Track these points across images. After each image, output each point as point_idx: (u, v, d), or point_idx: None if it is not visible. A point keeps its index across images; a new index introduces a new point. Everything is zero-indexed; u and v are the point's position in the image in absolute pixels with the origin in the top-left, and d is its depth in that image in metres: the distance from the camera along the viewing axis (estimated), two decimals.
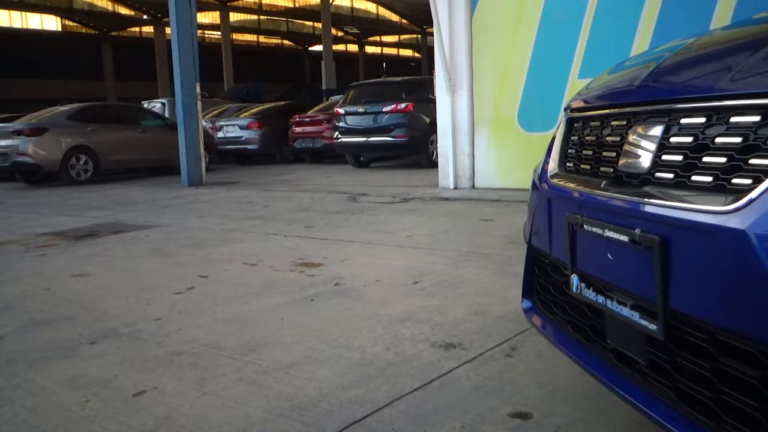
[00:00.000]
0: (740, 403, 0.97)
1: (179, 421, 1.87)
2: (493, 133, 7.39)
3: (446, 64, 7.38)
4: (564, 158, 1.54)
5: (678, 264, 1.02)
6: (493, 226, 5.01)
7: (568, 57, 6.69)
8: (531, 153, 6.91)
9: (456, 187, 7.61)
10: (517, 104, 7.15)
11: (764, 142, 0.94)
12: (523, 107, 7.10)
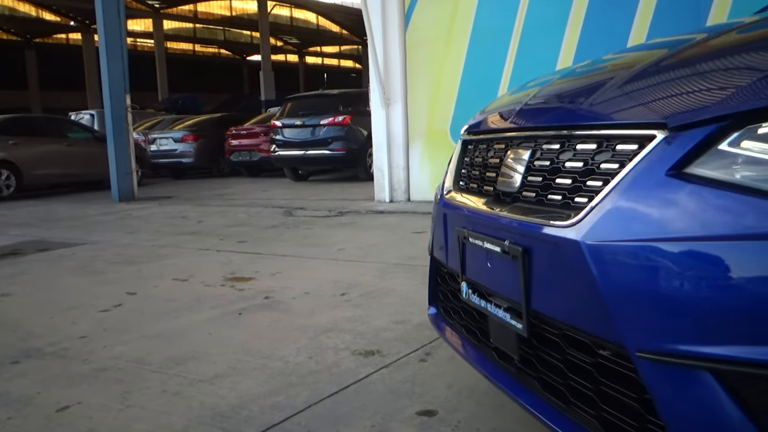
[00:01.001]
0: (582, 387, 1.17)
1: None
2: (427, 146, 7.65)
3: (381, 79, 7.61)
4: (458, 177, 1.75)
5: (536, 271, 1.22)
6: (423, 238, 5.22)
7: (497, 72, 7.02)
8: None
9: (392, 200, 7.82)
10: (449, 118, 7.43)
11: (598, 167, 1.15)
12: (456, 121, 7.38)
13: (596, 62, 1.70)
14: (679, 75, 1.20)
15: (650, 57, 1.37)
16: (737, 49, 1.24)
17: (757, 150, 0.93)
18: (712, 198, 0.94)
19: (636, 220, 1.02)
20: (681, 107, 1.06)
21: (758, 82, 0.98)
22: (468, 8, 7.14)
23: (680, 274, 0.94)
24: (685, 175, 0.98)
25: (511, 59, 6.94)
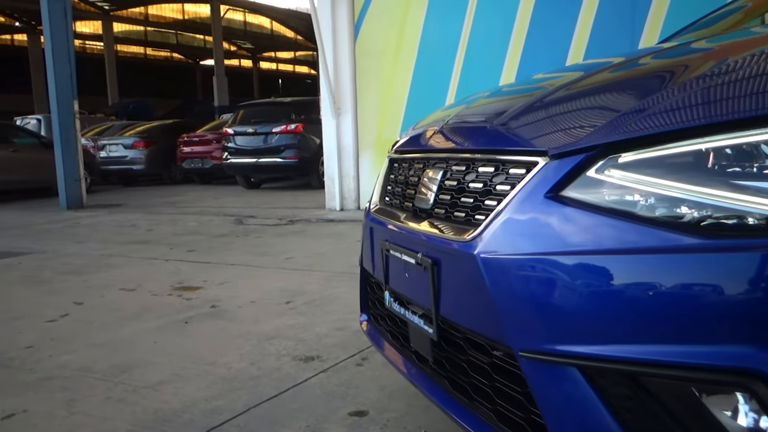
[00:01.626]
0: (481, 384, 1.33)
1: None
2: (376, 156, 7.80)
3: (331, 89, 7.75)
4: (384, 193, 1.90)
5: (443, 281, 1.37)
6: None
7: (444, 84, 7.23)
8: None
9: (342, 209, 7.95)
10: (398, 128, 7.61)
11: (494, 188, 1.31)
12: (405, 130, 7.55)
13: (511, 86, 1.88)
14: (562, 108, 1.37)
15: (547, 88, 1.55)
16: (610, 85, 1.42)
17: (617, 177, 1.10)
18: (580, 218, 1.11)
19: (520, 236, 1.18)
20: (559, 137, 1.23)
21: (619, 118, 1.15)
22: (416, 20, 7.34)
23: (553, 284, 1.10)
24: (560, 197, 1.14)
25: (458, 70, 7.17)
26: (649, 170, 1.07)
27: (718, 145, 1.03)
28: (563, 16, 6.53)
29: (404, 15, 7.41)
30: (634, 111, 1.16)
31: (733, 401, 0.99)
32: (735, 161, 1.02)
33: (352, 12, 7.69)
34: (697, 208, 1.02)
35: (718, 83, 1.14)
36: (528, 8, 6.70)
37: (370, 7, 7.60)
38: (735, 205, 0.99)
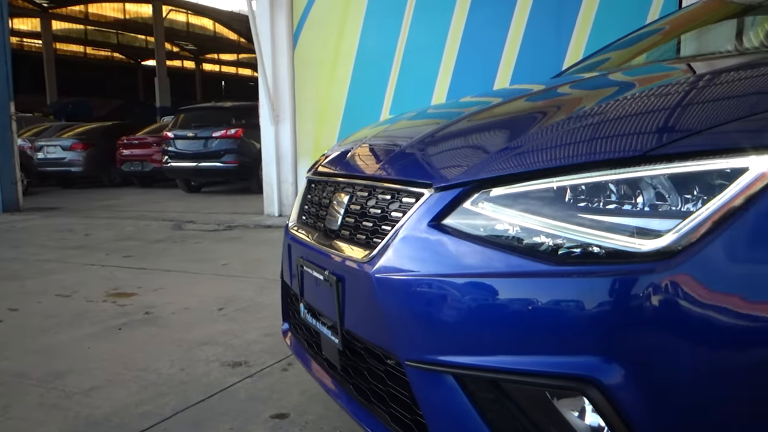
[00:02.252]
0: (378, 389, 1.47)
1: None
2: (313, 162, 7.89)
3: (270, 96, 7.80)
4: (301, 212, 2.02)
5: (347, 297, 1.51)
6: None
7: (380, 94, 7.39)
8: None
9: (281, 215, 8.01)
10: (335, 136, 7.72)
11: (390, 214, 1.45)
12: (342, 138, 7.68)
13: (431, 110, 2.05)
14: (450, 142, 1.53)
15: (443, 121, 1.71)
16: (492, 123, 1.58)
17: (489, 209, 1.25)
18: (457, 245, 1.25)
19: (407, 259, 1.32)
20: (442, 171, 1.38)
21: (491, 156, 1.31)
22: (353, 31, 7.48)
23: (432, 302, 1.25)
24: (441, 225, 1.29)
25: (394, 80, 7.34)
26: (515, 204, 1.23)
27: (571, 184, 1.19)
28: (494, 31, 6.78)
29: (341, 26, 7.54)
30: (504, 150, 1.32)
31: (580, 403, 1.16)
32: (585, 198, 1.18)
33: (291, 21, 7.77)
34: (553, 239, 1.18)
35: (574, 128, 1.31)
36: (460, 23, 6.92)
37: (308, 17, 7.69)
38: (583, 237, 1.15)
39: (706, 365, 1.05)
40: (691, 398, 1.06)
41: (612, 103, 1.42)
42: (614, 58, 2.80)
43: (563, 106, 1.55)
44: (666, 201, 1.11)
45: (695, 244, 1.05)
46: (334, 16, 7.56)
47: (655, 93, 1.44)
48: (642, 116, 1.30)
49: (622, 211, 1.14)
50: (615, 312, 1.07)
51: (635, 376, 1.07)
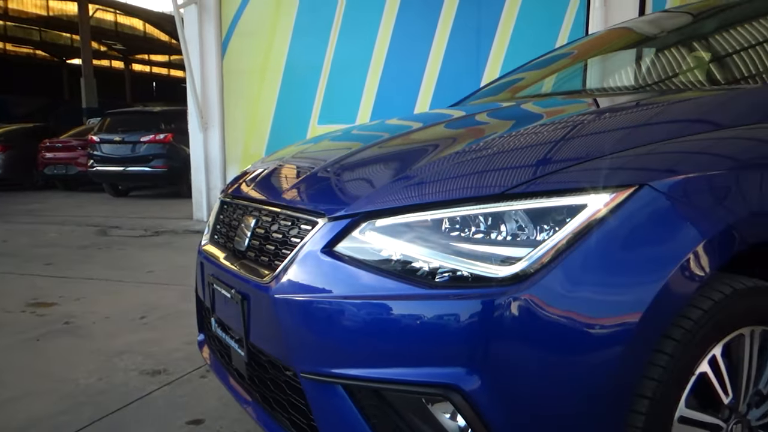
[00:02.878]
0: (280, 397, 1.59)
1: None
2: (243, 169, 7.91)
3: (198, 104, 7.78)
4: (213, 232, 2.12)
5: (252, 314, 1.62)
6: None
7: (309, 103, 7.49)
8: None
9: None
10: (265, 144, 7.78)
11: (290, 239, 1.58)
12: (271, 146, 7.75)
13: (340, 136, 2.20)
14: (347, 174, 1.67)
15: (358, 145, 1.86)
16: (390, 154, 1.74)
17: (375, 238, 1.40)
18: (346, 270, 1.39)
19: (302, 282, 1.45)
20: (335, 202, 1.51)
21: (380, 189, 1.46)
22: (282, 43, 7.55)
23: (323, 321, 1.38)
24: (332, 252, 1.43)
25: (322, 92, 7.45)
26: (397, 234, 1.38)
27: (444, 217, 1.35)
28: (418, 46, 6.99)
29: (270, 37, 7.59)
30: (391, 183, 1.47)
31: (450, 407, 1.32)
32: (456, 229, 1.34)
33: (220, 30, 7.77)
34: (428, 265, 1.33)
35: (453, 164, 1.48)
36: (385, 40, 7.10)
37: (237, 27, 7.71)
38: (453, 264, 1.31)
39: (549, 370, 1.22)
40: (537, 399, 1.24)
41: (485, 143, 1.59)
42: (526, 78, 3.02)
43: (451, 141, 1.72)
44: (520, 232, 1.29)
45: (541, 270, 1.22)
46: (262, 27, 7.61)
47: (525, 133, 1.62)
48: (508, 155, 1.48)
49: (485, 241, 1.30)
50: (474, 329, 1.23)
51: (490, 383, 1.23)
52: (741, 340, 1.41)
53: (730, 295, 1.34)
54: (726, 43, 2.36)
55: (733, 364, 1.42)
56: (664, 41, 2.72)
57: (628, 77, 2.74)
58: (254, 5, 7.62)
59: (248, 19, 7.66)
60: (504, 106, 2.29)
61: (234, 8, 7.69)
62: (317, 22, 7.37)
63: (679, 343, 1.28)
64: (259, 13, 7.62)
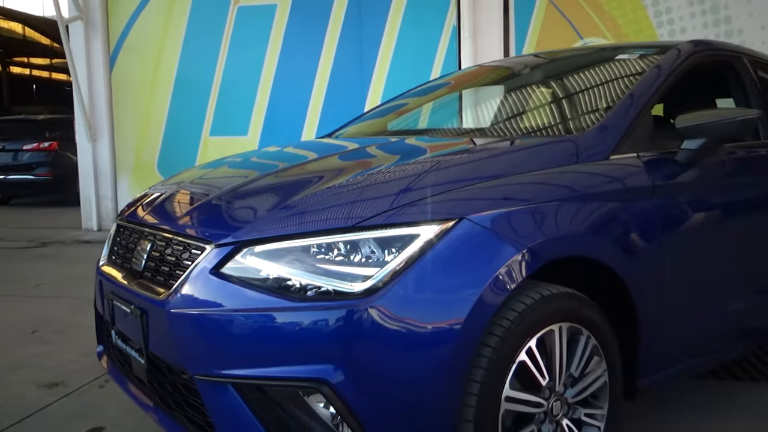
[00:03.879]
0: (179, 398, 1.78)
1: None
2: (135, 179, 7.81)
3: (86, 115, 7.60)
4: (111, 253, 2.26)
5: (150, 325, 1.79)
6: None
7: (201, 115, 7.53)
8: None
9: (100, 229, 7.82)
10: (157, 153, 7.72)
11: (182, 262, 1.76)
12: (162, 156, 7.70)
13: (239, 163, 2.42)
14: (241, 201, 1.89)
15: (249, 175, 2.09)
16: (276, 184, 1.98)
17: (254, 261, 1.62)
18: (231, 288, 1.60)
19: (194, 297, 1.65)
20: (223, 229, 1.73)
21: (260, 219, 1.69)
22: (172, 57, 7.55)
23: (213, 330, 1.59)
24: (219, 273, 1.63)
25: (213, 104, 7.51)
26: (273, 257, 1.61)
27: (310, 244, 1.60)
28: (306, 64, 7.22)
29: (160, 51, 7.56)
30: (269, 213, 1.71)
31: (321, 397, 1.56)
32: (320, 253, 1.59)
33: (108, 44, 7.64)
34: (299, 282, 1.57)
35: (320, 198, 1.73)
36: (275, 55, 7.28)
37: (126, 42, 7.62)
38: (319, 281, 1.56)
39: (397, 364, 1.51)
40: (389, 387, 1.52)
41: (349, 181, 1.84)
42: (402, 107, 3.35)
43: (326, 176, 1.98)
44: (371, 255, 1.56)
45: (386, 286, 1.51)
46: (152, 42, 7.57)
47: (383, 172, 1.91)
48: (365, 192, 1.75)
49: (343, 263, 1.57)
50: (337, 333, 1.50)
51: (353, 376, 1.50)
52: (551, 334, 1.76)
53: (539, 300, 1.68)
54: (555, 94, 2.80)
55: (547, 353, 1.76)
56: (511, 85, 3.15)
57: (480, 116, 3.14)
58: (143, 21, 7.57)
59: (137, 35, 7.59)
60: (373, 145, 2.56)
61: (122, 24, 7.60)
62: (207, 37, 7.43)
63: (499, 338, 1.60)
64: (148, 29, 7.57)
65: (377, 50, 7.04)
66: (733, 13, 6.20)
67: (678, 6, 6.34)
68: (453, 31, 6.85)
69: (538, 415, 1.75)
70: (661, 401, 2.63)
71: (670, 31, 6.35)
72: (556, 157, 1.97)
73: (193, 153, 7.56)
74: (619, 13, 6.50)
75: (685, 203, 2.15)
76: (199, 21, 7.43)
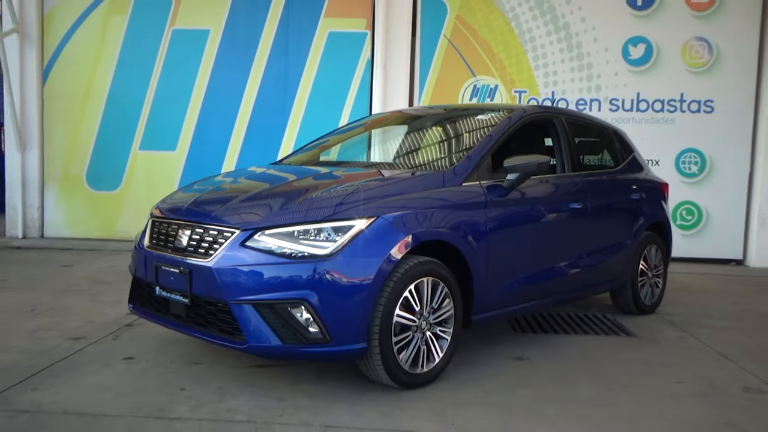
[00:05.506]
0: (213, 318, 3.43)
1: None
2: (62, 189, 9.10)
3: (17, 124, 8.83)
4: (152, 238, 3.86)
5: (194, 278, 3.42)
6: (74, 270, 6.92)
7: (131, 130, 8.95)
8: (97, 208, 8.99)
9: (25, 237, 9.02)
10: (85, 166, 9.04)
11: (217, 241, 3.41)
12: (92, 169, 9.04)
13: (245, 177, 4.10)
14: (251, 203, 3.57)
15: (253, 188, 3.79)
16: (273, 194, 3.68)
17: (265, 239, 3.31)
18: (252, 254, 3.29)
19: (228, 260, 3.31)
20: (245, 221, 3.40)
21: (269, 214, 3.39)
22: (105, 73, 8.94)
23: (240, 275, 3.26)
24: (244, 246, 3.31)
25: (144, 120, 8.95)
26: (276, 236, 3.31)
27: (297, 230, 3.32)
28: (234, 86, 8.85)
29: (94, 67, 8.94)
30: (274, 211, 3.42)
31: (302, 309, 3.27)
32: (304, 234, 3.31)
33: (42, 58, 8.93)
34: (290, 249, 3.28)
35: (301, 201, 3.46)
36: (205, 77, 8.85)
37: (60, 56, 8.94)
38: (303, 249, 3.27)
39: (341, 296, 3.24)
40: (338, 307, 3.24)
41: (324, 190, 3.58)
42: (330, 142, 5.10)
43: (302, 189, 3.71)
44: (330, 236, 3.30)
45: (337, 253, 3.25)
46: (86, 58, 8.93)
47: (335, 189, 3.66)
48: (326, 200, 3.49)
49: (316, 239, 3.30)
50: (311, 273, 3.21)
51: (319, 298, 3.21)
52: (422, 283, 3.54)
53: (416, 263, 3.47)
54: (442, 136, 4.67)
55: (419, 294, 3.54)
56: (412, 127, 5.01)
57: (387, 151, 4.98)
58: (78, 37, 8.93)
59: (72, 50, 8.93)
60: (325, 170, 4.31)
61: (57, 39, 8.92)
62: (141, 56, 8.90)
63: (394, 283, 3.37)
64: (83, 45, 8.94)
65: (300, 76, 8.78)
66: (594, 60, 8.45)
67: (552, 52, 8.51)
68: (367, 62, 8.70)
69: (413, 327, 3.53)
70: (484, 326, 4.52)
71: (545, 73, 8.50)
72: (431, 184, 3.79)
73: (122, 166, 8.99)
74: (505, 56, 8.59)
75: (505, 212, 4.03)
76: (134, 40, 8.89)
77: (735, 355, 4.44)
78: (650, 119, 8.52)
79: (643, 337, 4.87)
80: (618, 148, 5.56)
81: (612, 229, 5.12)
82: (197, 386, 3.56)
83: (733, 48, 8.39)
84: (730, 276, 7.90)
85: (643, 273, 5.46)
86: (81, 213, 9.11)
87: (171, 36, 8.87)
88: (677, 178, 8.50)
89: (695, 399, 3.62)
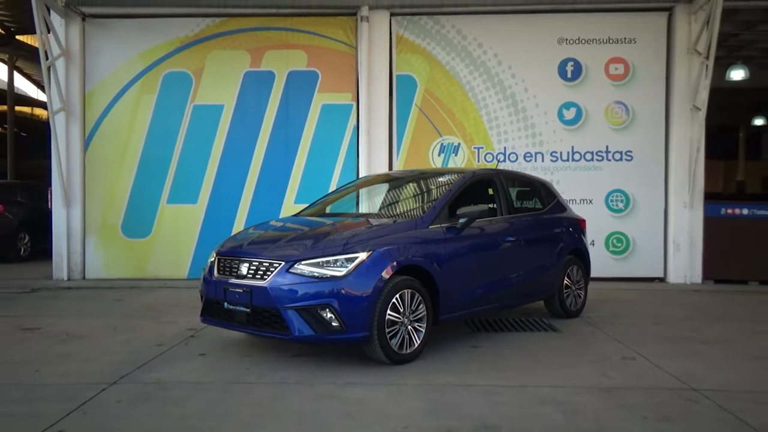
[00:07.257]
0: (266, 320, 5.16)
1: None
2: (101, 238, 10.75)
3: (63, 185, 10.51)
4: (219, 269, 5.57)
5: (254, 295, 5.14)
6: (127, 303, 8.57)
7: (160, 187, 10.66)
8: (131, 253, 10.69)
9: (69, 279, 10.62)
10: (121, 217, 10.72)
11: (269, 269, 5.16)
12: (126, 220, 10.72)
13: (276, 227, 5.87)
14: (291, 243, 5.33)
15: (289, 234, 5.55)
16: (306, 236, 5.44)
17: (301, 267, 5.07)
18: (293, 277, 5.04)
19: (277, 281, 5.05)
20: (287, 255, 5.15)
21: (302, 252, 5.15)
22: (138, 140, 10.68)
23: (287, 290, 5.00)
24: (288, 272, 5.05)
25: (171, 178, 10.67)
26: (308, 265, 5.07)
27: (319, 261, 5.09)
28: (245, 149, 10.63)
29: (128, 137, 10.69)
30: (307, 248, 5.19)
31: (327, 311, 5.01)
32: (324, 264, 5.07)
33: (83, 130, 10.67)
34: (318, 272, 5.04)
35: (320, 241, 5.23)
36: (221, 141, 10.63)
37: (100, 128, 10.69)
38: (326, 272, 5.04)
39: (354, 301, 4.99)
40: (353, 311, 4.99)
41: (337, 234, 5.36)
42: (332, 198, 6.90)
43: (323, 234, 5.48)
44: (344, 263, 5.07)
45: (348, 275, 5.03)
46: (122, 129, 10.69)
47: (346, 230, 5.43)
48: (339, 240, 5.26)
49: (334, 266, 5.06)
50: (332, 288, 4.97)
51: (340, 303, 4.96)
52: (404, 294, 5.30)
53: (399, 281, 5.23)
54: (419, 191, 6.52)
55: (403, 301, 5.30)
56: (392, 186, 6.85)
57: (374, 205, 6.81)
58: (114, 112, 10.69)
59: (109, 123, 10.69)
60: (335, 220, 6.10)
61: (97, 114, 10.68)
62: (167, 126, 10.67)
63: (385, 295, 5.13)
64: (119, 118, 10.70)
65: (299, 140, 10.60)
66: (536, 121, 10.41)
67: (502, 116, 10.46)
68: (354, 129, 10.56)
69: (399, 322, 5.28)
70: (450, 327, 6.28)
71: (497, 132, 10.44)
72: (407, 228, 5.59)
73: (152, 217, 10.69)
74: (465, 119, 10.52)
75: (459, 245, 5.83)
76: (161, 113, 10.68)
77: (625, 340, 6.25)
78: (583, 167, 10.45)
79: (566, 332, 6.65)
80: (544, 194, 7.44)
81: (541, 254, 6.94)
82: (255, 367, 5.26)
83: (646, 109, 10.42)
84: (649, 290, 9.75)
85: (567, 286, 7.27)
86: (117, 257, 10.75)
87: (192, 110, 10.68)
88: (607, 213, 10.41)
89: (588, 364, 5.40)
